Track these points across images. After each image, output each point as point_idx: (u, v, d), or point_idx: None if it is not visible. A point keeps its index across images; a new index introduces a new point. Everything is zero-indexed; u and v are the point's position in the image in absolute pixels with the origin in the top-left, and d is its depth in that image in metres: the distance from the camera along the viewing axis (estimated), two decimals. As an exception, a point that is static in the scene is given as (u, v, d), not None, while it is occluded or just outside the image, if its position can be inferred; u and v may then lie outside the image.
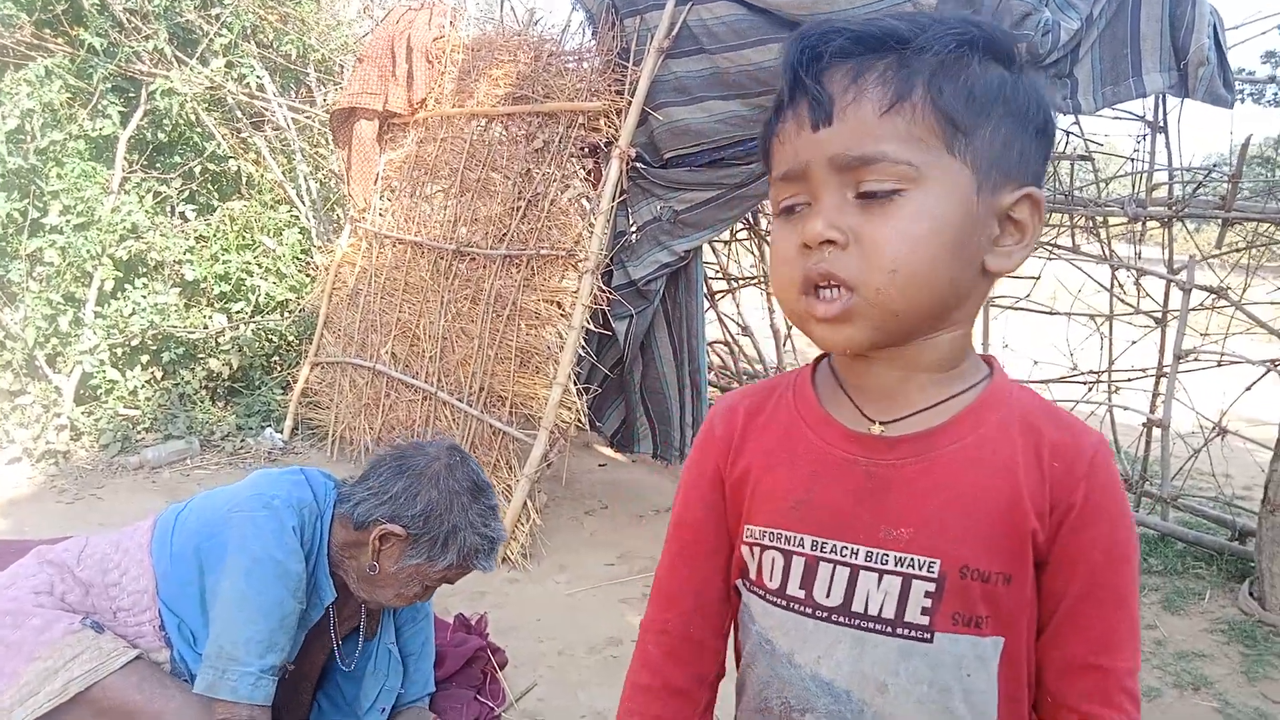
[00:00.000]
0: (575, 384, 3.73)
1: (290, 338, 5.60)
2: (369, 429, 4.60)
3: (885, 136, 0.77)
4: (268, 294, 5.46)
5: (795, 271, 0.81)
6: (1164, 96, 3.72)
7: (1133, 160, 4.04)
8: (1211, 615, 3.34)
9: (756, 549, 0.92)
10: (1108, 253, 4.11)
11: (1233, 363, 3.79)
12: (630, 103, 3.70)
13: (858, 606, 0.85)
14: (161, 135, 5.65)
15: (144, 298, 5.05)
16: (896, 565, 0.84)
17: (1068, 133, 4.08)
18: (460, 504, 1.92)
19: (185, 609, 1.94)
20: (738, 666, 1.00)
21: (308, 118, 6.20)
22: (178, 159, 5.72)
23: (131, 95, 5.48)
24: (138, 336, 4.96)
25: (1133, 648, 0.85)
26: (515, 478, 3.71)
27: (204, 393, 5.21)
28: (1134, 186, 4.01)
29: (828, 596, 0.86)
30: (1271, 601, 3.24)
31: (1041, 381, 4.55)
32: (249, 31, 5.77)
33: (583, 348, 3.80)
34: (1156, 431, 3.98)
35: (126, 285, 5.14)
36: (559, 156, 3.99)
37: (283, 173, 5.96)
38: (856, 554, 0.85)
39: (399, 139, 4.98)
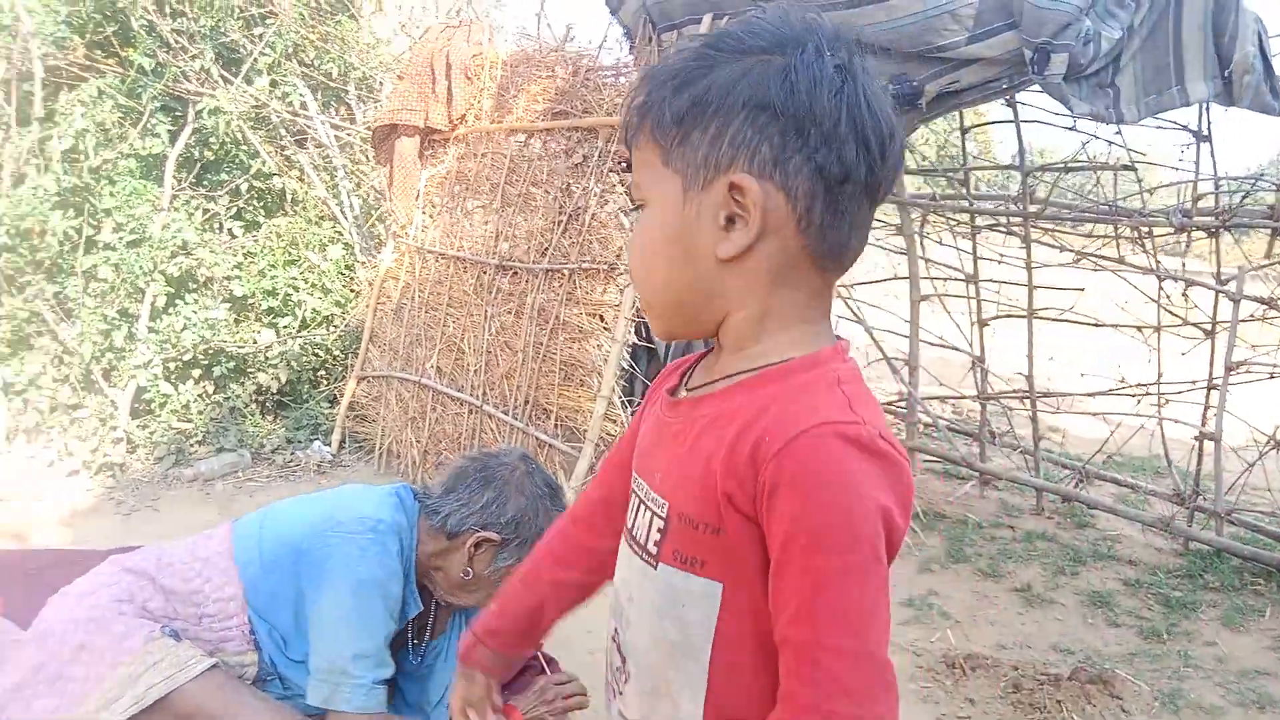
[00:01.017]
0: (620, 397, 3.77)
1: (336, 352, 5.69)
2: (415, 442, 4.66)
3: (639, 164, 0.94)
4: (314, 309, 5.56)
5: None
6: (1208, 105, 3.69)
7: (1177, 170, 4.01)
8: (1273, 632, 3.30)
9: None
10: (1154, 264, 4.08)
11: (1285, 374, 3.74)
12: (672, 118, 3.73)
13: (631, 527, 1.03)
14: (209, 153, 5.78)
15: (195, 313, 5.16)
16: (650, 503, 0.99)
17: (1110, 143, 4.06)
18: (544, 507, 2.05)
19: (277, 615, 2.01)
20: None
21: (349, 134, 6.31)
22: (224, 176, 5.84)
23: (179, 114, 5.61)
24: (189, 351, 5.06)
25: (839, 627, 0.81)
26: (563, 488, 3.74)
27: (254, 406, 5.31)
28: (1179, 197, 3.98)
29: (630, 521, 1.04)
30: (1327, 615, 3.20)
31: (1089, 394, 4.51)
32: (291, 51, 5.88)
33: (626, 360, 3.83)
34: (1209, 445, 3.93)
35: (178, 301, 5.26)
36: (598, 171, 4.04)
37: (326, 189, 6.07)
38: (642, 488, 1.01)
39: (439, 155, 5.05)
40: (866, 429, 0.85)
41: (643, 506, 1.00)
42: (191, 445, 4.88)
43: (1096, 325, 4.35)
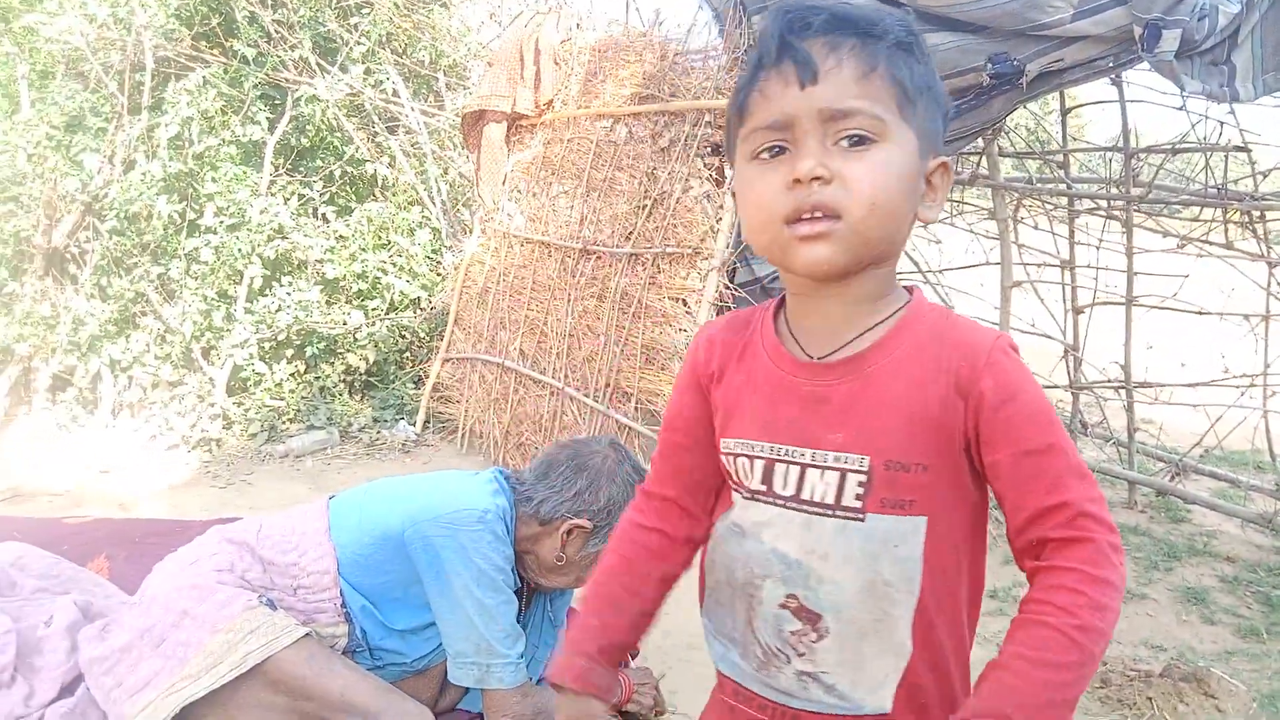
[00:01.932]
0: (701, 381, 3.75)
1: (422, 334, 5.81)
2: (498, 423, 4.73)
3: (861, 96, 0.96)
4: (401, 292, 5.68)
5: (781, 206, 0.98)
6: (1331, 82, 3.49)
7: (1293, 151, 3.81)
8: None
9: (729, 457, 1.13)
10: (1264, 249, 3.88)
11: None
12: (758, 100, 3.69)
13: (806, 495, 1.05)
14: (304, 140, 5.95)
15: (289, 295, 5.32)
16: (835, 463, 1.03)
17: (1221, 123, 3.88)
18: (634, 494, 2.06)
19: (374, 591, 2.10)
20: (702, 559, 1.21)
21: (438, 121, 6.42)
22: (319, 163, 6.01)
23: (278, 102, 5.79)
24: (283, 331, 5.23)
25: (1081, 482, 0.99)
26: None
27: (342, 386, 5.45)
28: (1295, 179, 3.78)
29: (784, 489, 1.07)
30: None
31: (1188, 385, 4.33)
32: (385, 39, 6.01)
33: (708, 345, 3.81)
34: (1317, 439, 3.74)
35: (273, 283, 5.43)
36: (684, 155, 4.02)
37: (415, 175, 6.19)
38: (804, 455, 1.05)
39: (526, 141, 5.10)
40: (1006, 336, 1.05)
41: (808, 470, 1.05)
42: (283, 422, 5.04)
43: (1200, 313, 4.16)
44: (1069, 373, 4.83)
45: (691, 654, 2.88)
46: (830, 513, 1.04)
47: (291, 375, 5.31)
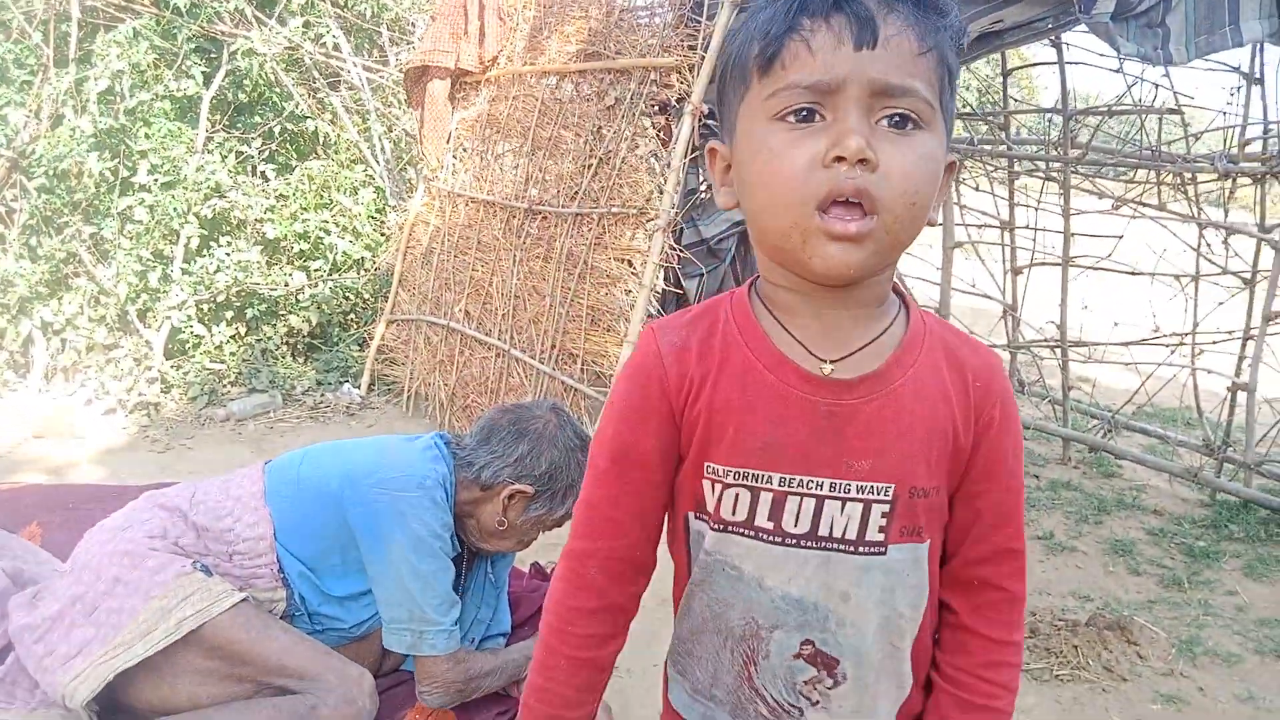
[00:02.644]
0: (646, 342, 3.76)
1: (366, 295, 5.73)
2: (443, 385, 4.70)
3: (918, 74, 0.83)
4: (345, 252, 5.59)
5: (814, 185, 0.82)
6: (1262, 46, 3.56)
7: (1224, 114, 3.89)
8: (1294, 583, 3.27)
9: (718, 485, 0.96)
10: (1195, 211, 3.98)
11: (1326, 325, 3.65)
12: (703, 58, 3.67)
13: (824, 531, 0.94)
14: (242, 95, 5.79)
15: (228, 255, 5.22)
16: (858, 493, 0.93)
17: (1156, 85, 3.94)
18: (575, 460, 2.13)
19: (314, 555, 2.09)
20: (676, 589, 1.07)
21: (381, 77, 6.28)
22: (258, 119, 5.86)
23: (213, 56, 5.62)
24: (223, 293, 5.13)
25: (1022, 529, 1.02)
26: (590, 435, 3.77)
27: (285, 348, 5.37)
28: (1225, 142, 3.86)
29: (795, 525, 0.94)
30: (1359, 570, 3.16)
31: (1121, 344, 4.44)
32: (325, -9, 5.85)
33: (653, 306, 3.82)
34: (1241, 396, 3.86)
35: (212, 243, 5.31)
36: (630, 114, 3.99)
37: (358, 132, 6.07)
38: (820, 486, 0.93)
39: (471, 98, 5.02)
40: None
41: (826, 503, 0.93)
42: (224, 386, 4.96)
43: (1133, 274, 4.26)
44: (1007, 332, 4.93)
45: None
46: (852, 549, 0.94)
47: (232, 338, 5.22)
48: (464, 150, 5.01)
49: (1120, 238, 4.05)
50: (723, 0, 3.63)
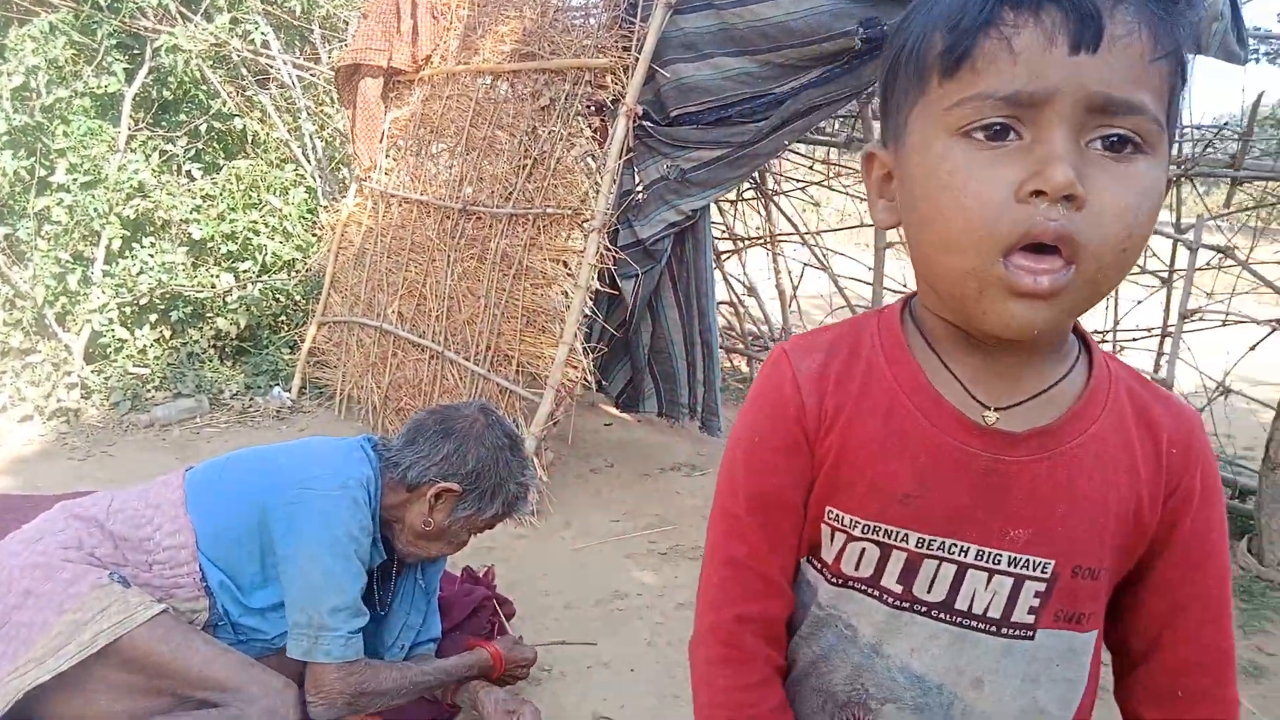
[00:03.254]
0: (581, 343, 3.75)
1: (297, 297, 5.63)
2: (376, 388, 4.63)
3: (1148, 85, 0.65)
4: (274, 253, 5.48)
5: (1005, 223, 0.66)
6: (1175, 54, 3.68)
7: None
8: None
9: (841, 535, 0.84)
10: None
11: (1237, 322, 3.80)
12: (637, 59, 3.68)
13: (961, 605, 0.81)
14: (167, 93, 5.64)
15: (152, 256, 5.07)
16: (1010, 565, 0.79)
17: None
18: (504, 459, 2.10)
19: (237, 565, 2.03)
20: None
21: (313, 75, 6.17)
22: (183, 117, 5.71)
23: (136, 52, 5.46)
24: (146, 295, 4.98)
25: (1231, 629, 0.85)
26: (522, 436, 3.74)
27: (212, 351, 5.25)
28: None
29: (929, 592, 0.81)
30: (1269, 558, 3.28)
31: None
32: (253, -13, 5.73)
33: (589, 307, 3.81)
34: (1160, 391, 3.99)
35: (134, 244, 5.16)
36: (565, 114, 3.98)
37: (288, 131, 5.95)
38: (967, 552, 0.79)
39: (404, 97, 4.96)
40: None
41: (970, 572, 0.80)
42: (148, 391, 4.82)
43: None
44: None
45: (569, 613, 2.91)
46: (994, 630, 0.80)
47: (156, 341, 5.08)
48: (397, 150, 4.95)
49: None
50: (656, 2, 3.65)
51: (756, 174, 5.29)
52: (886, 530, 0.81)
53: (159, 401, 4.74)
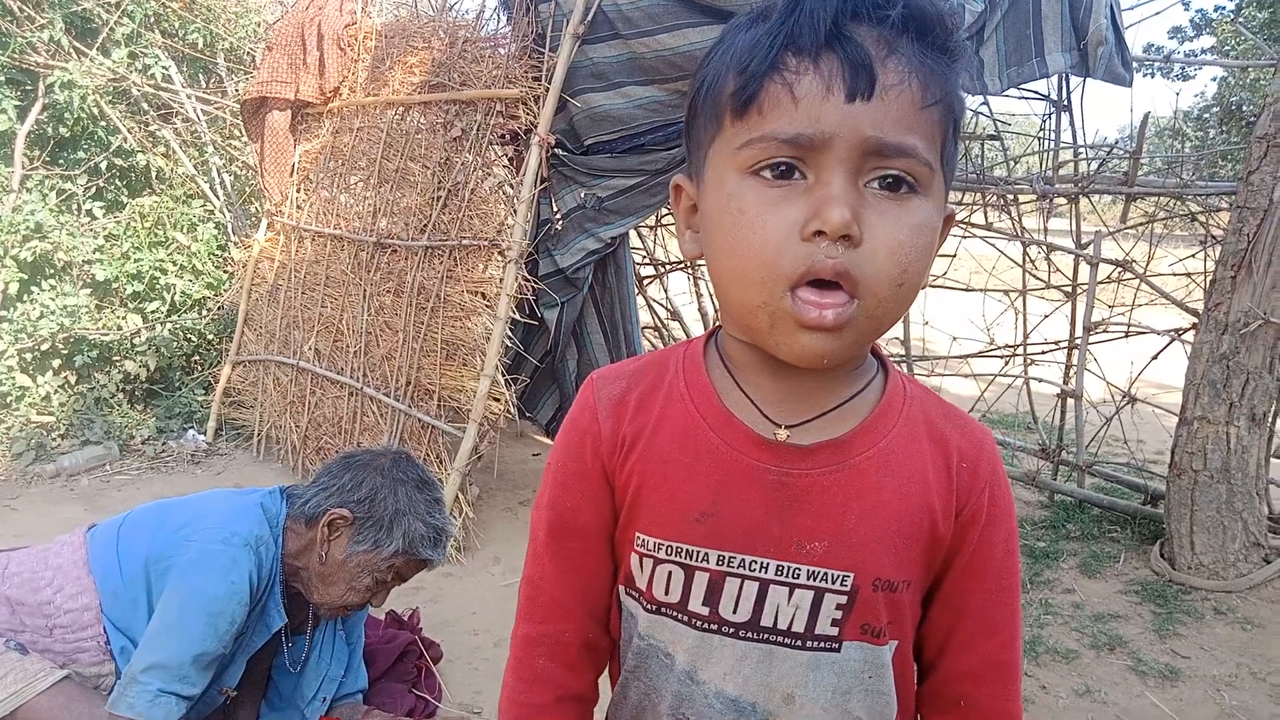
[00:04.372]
0: (503, 375, 3.72)
1: (210, 336, 5.47)
2: (295, 427, 4.52)
3: (919, 130, 0.70)
4: (184, 292, 5.32)
5: (789, 260, 0.69)
6: (1066, 76, 3.83)
7: (1039, 139, 4.16)
8: (1126, 577, 3.49)
9: (648, 560, 0.85)
10: (1018, 229, 4.23)
11: (1139, 333, 3.94)
12: (548, 89, 3.68)
13: (766, 621, 0.82)
14: (63, 130, 5.44)
15: (52, 300, 4.88)
16: (809, 579, 0.80)
17: (976, 113, 4.18)
18: (404, 491, 2.00)
19: (134, 627, 1.93)
20: (612, 670, 0.97)
21: (219, 109, 6.03)
22: (82, 154, 5.52)
23: (28, 88, 5.27)
24: (47, 340, 4.79)
25: (1018, 640, 0.88)
26: (446, 472, 3.69)
27: (121, 396, 5.06)
28: (1041, 164, 4.13)
29: (734, 613, 0.83)
30: (1180, 561, 3.39)
31: (961, 356, 4.67)
32: (152, 20, 5.58)
33: (509, 338, 3.78)
34: (1071, 401, 4.12)
35: (33, 287, 4.96)
36: (478, 145, 3.95)
37: (194, 166, 5.80)
38: (766, 568, 0.81)
39: (314, 129, 4.87)
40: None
41: (772, 588, 0.81)
42: (53, 439, 4.62)
43: (967, 290, 4.50)
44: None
45: (499, 651, 2.87)
46: (800, 644, 0.82)
47: (60, 387, 4.88)
48: (309, 183, 4.86)
49: (954, 256, 4.27)
50: (565, 32, 3.65)
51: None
52: (688, 550, 0.82)
53: (65, 450, 4.54)
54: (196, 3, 5.85)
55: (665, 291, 6.00)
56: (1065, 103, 3.93)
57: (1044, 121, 4.03)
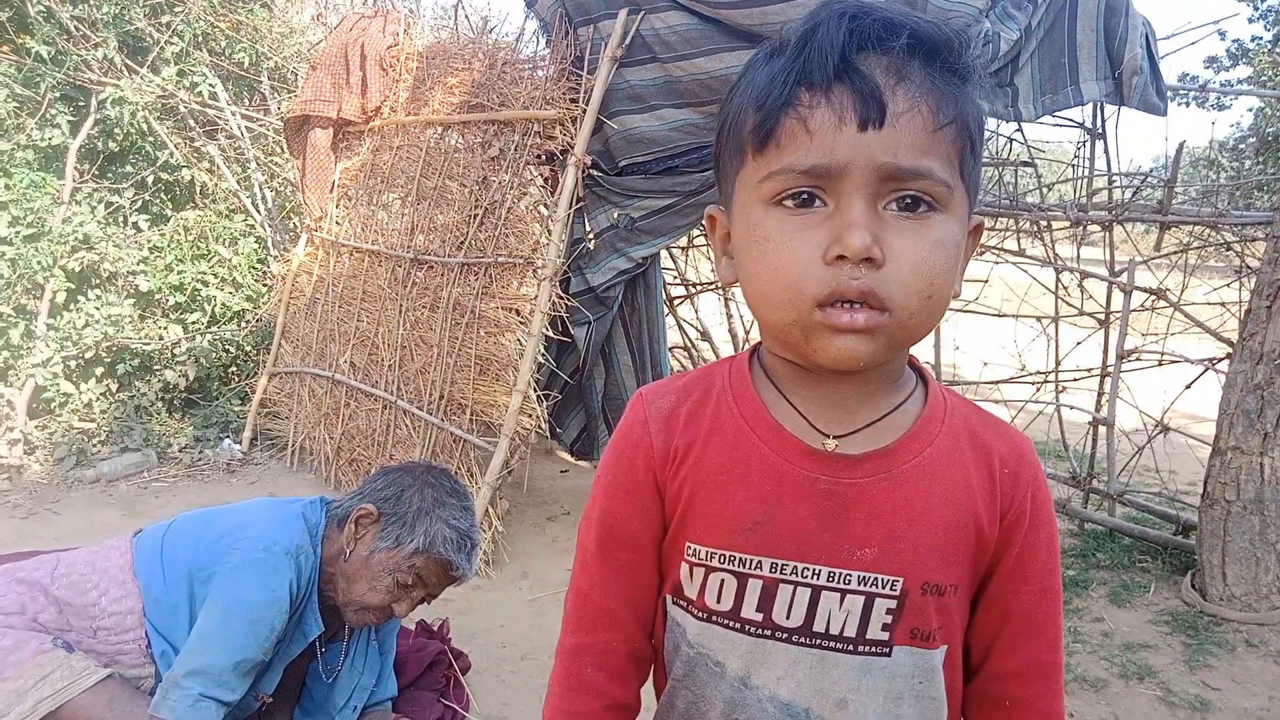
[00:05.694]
0: (535, 391, 3.77)
1: (247, 348, 5.57)
2: (329, 439, 4.59)
3: (934, 152, 0.73)
4: (224, 304, 5.43)
5: (814, 284, 0.73)
6: (1101, 104, 3.84)
7: (1074, 166, 4.16)
8: (1156, 607, 3.45)
9: (700, 569, 0.87)
10: (1052, 256, 4.22)
11: (1173, 362, 3.91)
12: (585, 111, 3.75)
13: (819, 627, 0.84)
14: (113, 145, 5.60)
15: (97, 309, 5.00)
16: (860, 584, 0.83)
17: (1010, 140, 4.19)
18: (432, 494, 2.04)
19: (174, 632, 1.98)
20: (656, 681, 0.97)
21: (262, 126, 6.17)
22: (130, 169, 5.67)
23: (81, 104, 5.43)
24: (91, 349, 4.90)
25: (1060, 640, 0.91)
26: (477, 485, 3.73)
27: (160, 404, 5.16)
28: (1075, 191, 4.13)
29: (787, 618, 0.85)
30: (1212, 593, 3.35)
31: (992, 382, 4.65)
32: (200, 39, 5.73)
33: (542, 355, 3.83)
34: (1102, 429, 4.09)
35: (79, 297, 5.09)
36: (515, 164, 4.02)
37: (237, 182, 5.93)
38: (818, 575, 0.83)
39: (354, 147, 4.98)
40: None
41: (824, 594, 0.83)
42: (94, 445, 4.73)
43: (999, 315, 4.49)
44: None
45: (526, 664, 2.89)
46: (852, 649, 0.84)
47: (102, 395, 4.99)
48: (348, 199, 4.95)
49: (985, 282, 4.27)
50: (602, 55, 3.72)
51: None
52: (741, 559, 0.85)
53: (105, 456, 4.64)
54: (244, 23, 6.01)
55: (696, 312, 6.03)
56: (1100, 130, 3.93)
57: (1078, 149, 4.03)
